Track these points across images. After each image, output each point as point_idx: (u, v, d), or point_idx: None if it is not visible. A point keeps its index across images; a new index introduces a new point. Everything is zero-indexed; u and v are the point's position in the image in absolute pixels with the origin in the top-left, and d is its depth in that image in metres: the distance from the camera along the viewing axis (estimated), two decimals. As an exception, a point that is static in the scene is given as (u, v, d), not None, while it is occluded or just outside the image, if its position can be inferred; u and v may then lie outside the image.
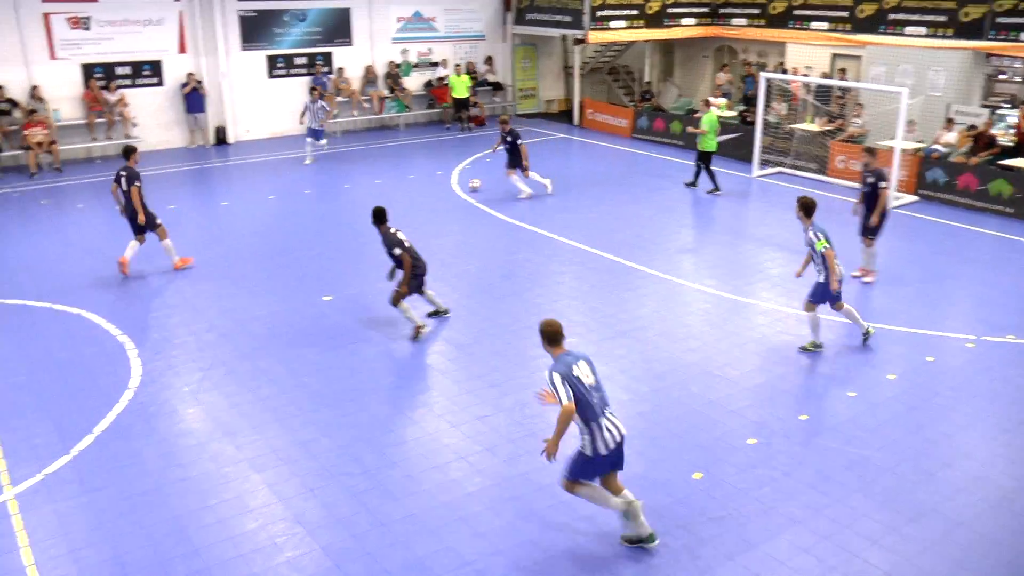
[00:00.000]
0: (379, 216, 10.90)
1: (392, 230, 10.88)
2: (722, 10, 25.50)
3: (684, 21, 25.37)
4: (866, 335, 10.74)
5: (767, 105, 20.01)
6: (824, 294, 10.35)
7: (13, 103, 20.09)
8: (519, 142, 17.08)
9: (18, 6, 19.92)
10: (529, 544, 7.06)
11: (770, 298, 12.26)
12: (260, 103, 23.46)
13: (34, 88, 20.30)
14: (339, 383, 9.80)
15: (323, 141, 21.11)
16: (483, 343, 10.86)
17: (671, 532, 7.16)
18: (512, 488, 7.81)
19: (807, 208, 10.32)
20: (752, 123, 20.21)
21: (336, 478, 7.95)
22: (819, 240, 10.15)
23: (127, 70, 21.61)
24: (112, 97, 21.07)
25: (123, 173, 12.84)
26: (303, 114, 20.96)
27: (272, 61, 23.57)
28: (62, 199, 17.76)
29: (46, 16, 20.35)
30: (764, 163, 19.99)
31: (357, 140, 23.60)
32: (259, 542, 7.10)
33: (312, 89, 21.08)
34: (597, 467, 6.70)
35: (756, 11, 24.36)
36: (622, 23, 24.50)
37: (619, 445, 6.69)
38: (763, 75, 19.94)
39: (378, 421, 9.00)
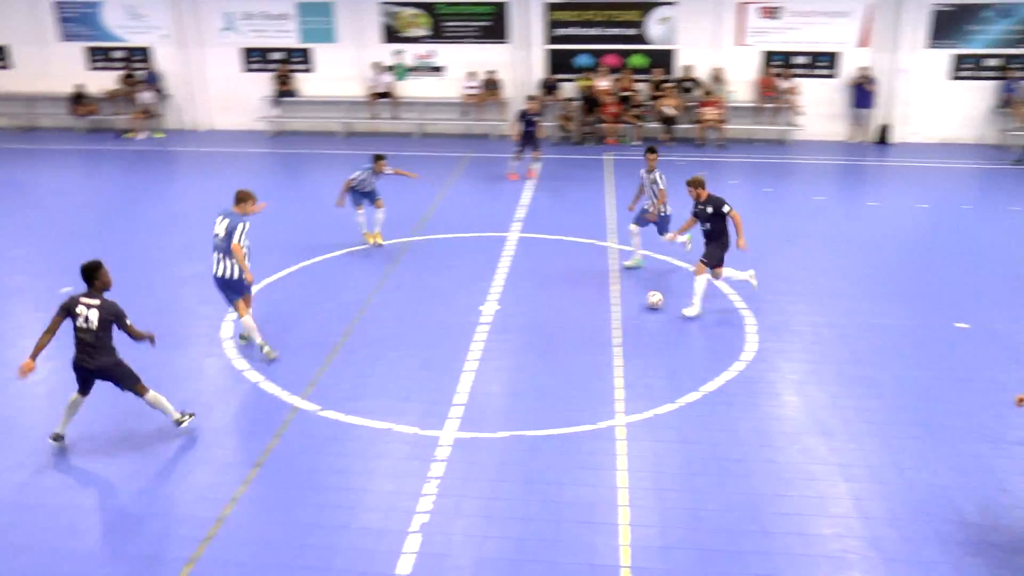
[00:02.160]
0: None
1: None
2: None
3: None
4: None
5: None
6: None
7: (696, 82, 21.96)
8: (725, 210, 10.93)
9: (720, -2, 21.68)
10: None
11: None
12: (935, 105, 21.99)
13: (717, 71, 21.89)
14: (952, 419, 8.77)
15: (678, 237, 12.38)
16: None
17: None
18: None
19: None
20: None
21: (927, 517, 7.17)
22: None
23: (804, 59, 22.03)
24: (784, 84, 21.70)
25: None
26: (638, 195, 12.91)
27: (958, 61, 21.86)
28: (718, 174, 18.95)
29: (741, 6, 21.70)
30: None
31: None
32: (830, 550, 6.77)
33: (649, 151, 12.62)
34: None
35: None
36: None
37: (215, 279, 9.87)
38: None
39: (992, 474, 7.83)
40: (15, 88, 24.56)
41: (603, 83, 21.91)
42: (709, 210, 10.90)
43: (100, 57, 24.14)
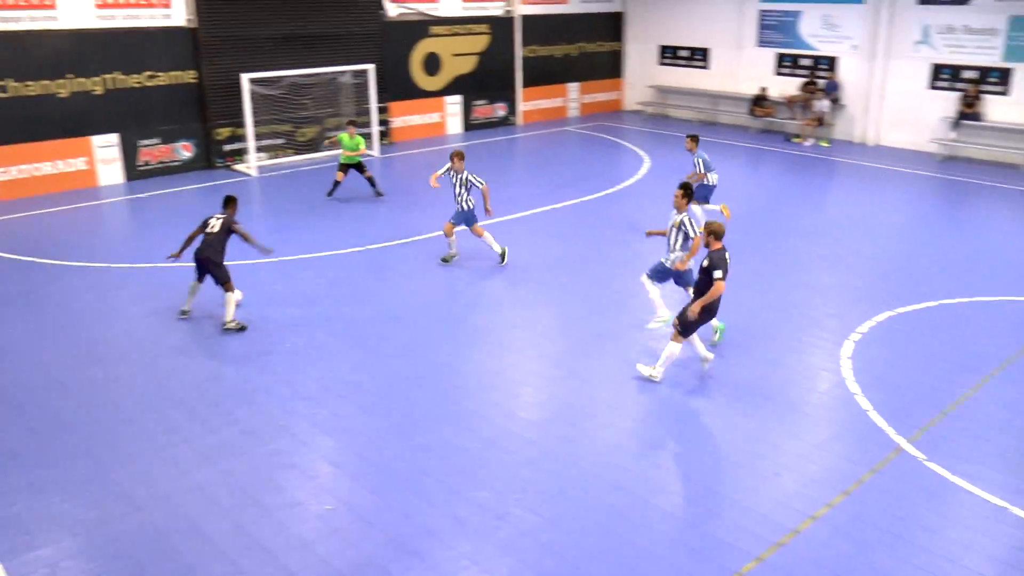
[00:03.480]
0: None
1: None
2: None
3: None
4: None
5: None
6: None
7: None
8: None
9: None
10: None
11: None
12: None
13: None
14: None
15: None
16: None
17: None
18: None
19: None
20: None
21: None
22: None
23: None
24: None
25: None
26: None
27: None
28: None
29: None
30: None
31: None
32: None
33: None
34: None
35: None
36: None
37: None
38: None
39: None
40: (707, 86, 27.16)
41: None
42: (705, 263, 9.33)
43: (787, 63, 25.29)
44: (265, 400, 9.32)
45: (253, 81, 19.87)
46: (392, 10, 23.02)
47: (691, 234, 10.39)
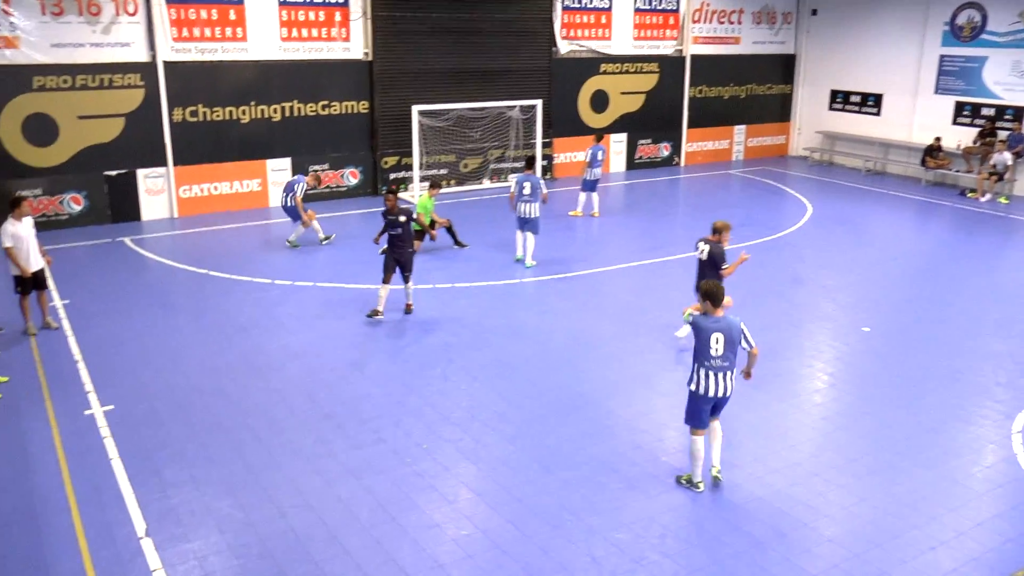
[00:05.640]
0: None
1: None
2: None
3: None
4: None
5: None
6: None
7: None
8: None
9: None
10: None
11: None
12: None
13: None
14: None
15: None
16: None
17: None
18: None
19: None
20: None
21: None
22: None
23: None
24: None
25: None
26: None
27: None
28: None
29: None
30: None
31: None
32: None
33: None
34: None
35: None
36: None
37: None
38: None
39: None
40: (878, 134, 26.11)
41: None
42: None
43: (967, 113, 23.99)
44: (412, 422, 9.55)
45: (422, 113, 20.62)
46: (564, 47, 23.41)
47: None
